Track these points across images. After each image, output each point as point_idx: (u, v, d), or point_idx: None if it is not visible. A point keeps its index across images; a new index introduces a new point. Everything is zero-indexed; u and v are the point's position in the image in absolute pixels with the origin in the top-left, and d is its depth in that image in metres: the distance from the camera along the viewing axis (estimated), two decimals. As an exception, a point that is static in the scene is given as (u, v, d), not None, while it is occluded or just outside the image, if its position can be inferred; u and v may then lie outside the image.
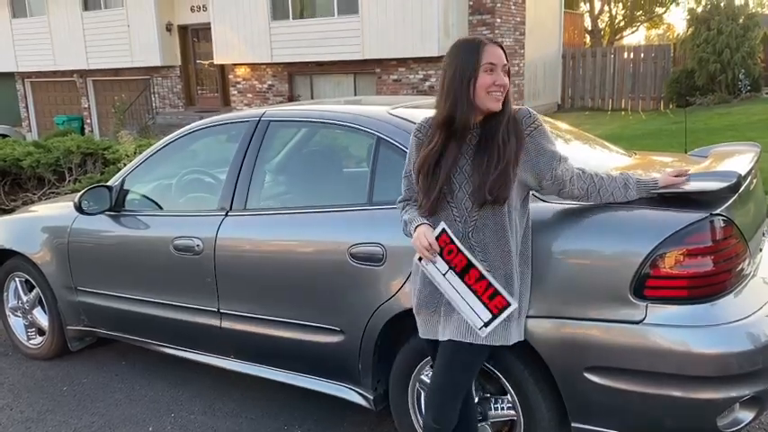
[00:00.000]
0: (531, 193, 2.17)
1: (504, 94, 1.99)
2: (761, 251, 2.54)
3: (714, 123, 10.63)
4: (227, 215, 3.04)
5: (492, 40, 2.01)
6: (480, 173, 1.96)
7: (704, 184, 2.14)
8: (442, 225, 2.00)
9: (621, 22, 28.77)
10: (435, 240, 1.99)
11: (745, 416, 2.14)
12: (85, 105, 19.50)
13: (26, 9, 19.16)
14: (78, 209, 3.37)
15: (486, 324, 2.01)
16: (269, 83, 15.94)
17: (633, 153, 3.20)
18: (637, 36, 41.04)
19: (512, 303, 2.00)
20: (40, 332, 3.99)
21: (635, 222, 2.15)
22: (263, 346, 3.02)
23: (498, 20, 13.86)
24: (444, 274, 2.02)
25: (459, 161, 2.01)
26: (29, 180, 7.50)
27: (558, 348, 2.20)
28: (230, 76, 16.60)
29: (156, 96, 18.06)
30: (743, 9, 14.26)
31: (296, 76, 15.69)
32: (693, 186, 2.14)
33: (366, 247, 2.58)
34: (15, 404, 3.45)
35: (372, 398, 2.73)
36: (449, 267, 2.01)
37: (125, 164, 6.84)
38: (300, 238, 2.84)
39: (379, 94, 14.23)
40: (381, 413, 2.83)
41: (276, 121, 3.14)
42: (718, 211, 2.10)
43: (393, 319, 2.54)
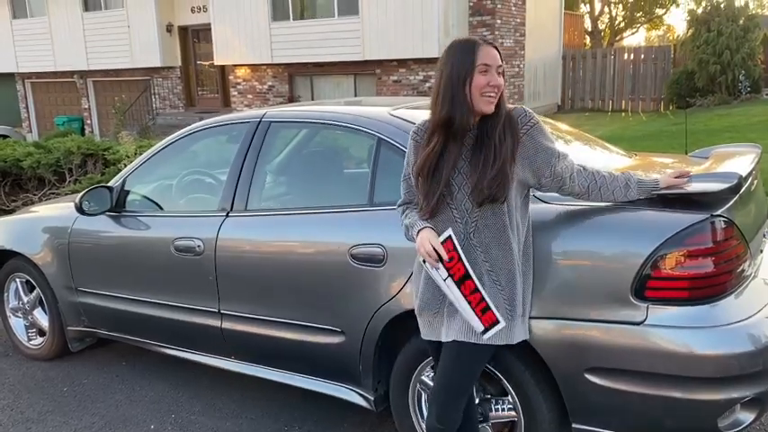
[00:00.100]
0: (532, 194, 2.17)
1: (498, 95, 1.98)
2: (761, 252, 2.54)
3: (714, 125, 10.64)
4: (227, 216, 3.05)
5: (487, 41, 2.01)
6: (477, 172, 1.96)
7: (705, 186, 2.14)
8: (449, 231, 1.99)
9: (621, 24, 28.80)
10: (441, 246, 1.98)
11: (746, 417, 2.14)
12: (86, 106, 19.51)
13: (26, 10, 19.17)
14: (79, 209, 3.37)
15: (484, 331, 2.01)
16: (269, 84, 15.95)
17: (633, 154, 3.20)
18: (637, 37, 40.95)
19: (500, 321, 2.00)
20: (41, 333, 3.99)
21: (636, 223, 2.15)
22: (263, 346, 3.02)
23: (498, 21, 13.87)
24: (444, 280, 2.02)
25: (458, 163, 2.01)
26: (29, 181, 7.50)
27: (559, 349, 2.21)
28: (230, 77, 16.60)
29: (157, 97, 18.06)
30: (743, 10, 14.27)
31: (296, 76, 15.69)
32: (694, 187, 2.14)
33: (367, 248, 2.58)
34: (16, 404, 3.45)
35: (373, 399, 2.73)
36: (448, 275, 2.00)
37: (125, 165, 6.85)
38: (301, 239, 2.84)
39: (379, 94, 14.24)
40: (382, 414, 2.83)
41: (277, 121, 3.14)
42: (718, 213, 2.10)
43: (394, 320, 2.54)
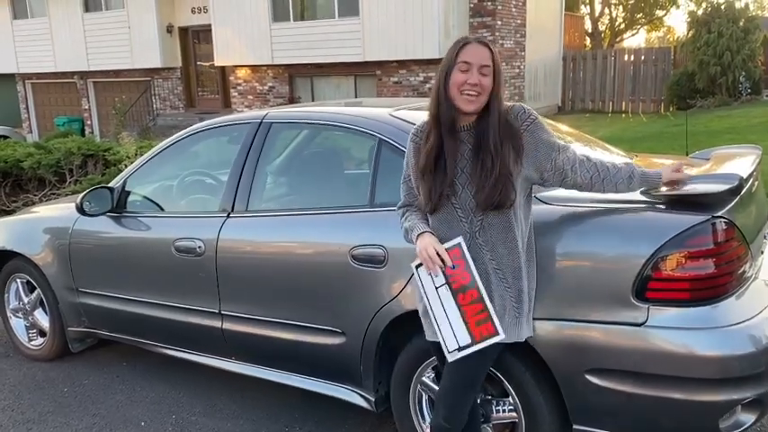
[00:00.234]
0: (534, 195, 2.17)
1: (481, 94, 1.95)
2: (762, 253, 2.54)
3: (714, 126, 10.64)
4: (228, 217, 3.05)
5: (479, 40, 1.99)
6: (477, 179, 1.96)
7: (706, 187, 2.14)
8: (459, 239, 1.99)
9: (622, 25, 28.82)
10: (446, 252, 1.97)
11: (747, 418, 2.14)
12: (86, 107, 19.52)
13: (27, 10, 19.19)
14: (80, 210, 3.37)
15: (460, 349, 1.98)
16: (269, 84, 15.95)
17: (634, 155, 3.20)
18: (637, 38, 41.03)
19: (500, 334, 1.97)
20: (41, 333, 3.99)
21: (637, 224, 2.15)
22: (263, 347, 3.02)
23: (499, 22, 13.88)
24: (437, 288, 1.99)
25: (460, 162, 2.01)
26: (30, 181, 7.51)
27: (560, 350, 2.21)
28: (231, 78, 16.61)
29: (157, 98, 18.07)
30: (743, 12, 14.28)
31: (296, 77, 15.70)
32: (695, 189, 2.15)
33: (367, 249, 2.58)
34: (16, 405, 3.45)
35: (374, 400, 2.73)
36: (445, 282, 1.99)
37: (126, 165, 6.86)
38: (302, 240, 2.84)
39: (379, 95, 14.24)
40: (382, 415, 2.83)
41: (278, 122, 3.14)
42: (719, 214, 2.10)
43: (394, 321, 2.54)
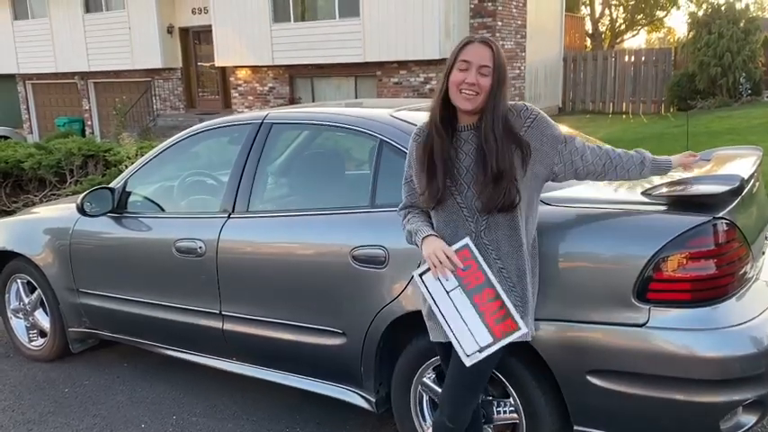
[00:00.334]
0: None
1: (479, 94, 1.94)
2: (763, 254, 2.54)
3: (715, 127, 10.63)
4: (229, 217, 3.05)
5: (483, 40, 1.98)
6: (480, 183, 1.95)
7: (707, 188, 2.14)
8: (466, 240, 1.97)
9: (622, 26, 28.81)
10: (454, 254, 1.95)
11: (748, 419, 2.14)
12: (86, 107, 19.52)
13: (28, 11, 19.19)
14: (81, 210, 3.37)
15: (481, 350, 1.94)
16: (270, 85, 15.95)
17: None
18: (637, 39, 40.98)
19: (522, 328, 1.93)
20: (42, 334, 3.99)
21: (638, 225, 2.16)
22: (264, 348, 3.02)
23: (499, 23, 13.88)
24: (449, 292, 1.95)
25: (464, 161, 2.00)
26: (30, 182, 7.51)
27: (561, 351, 2.20)
28: (231, 79, 16.61)
29: (157, 98, 18.08)
30: (744, 13, 14.28)
31: (297, 78, 15.70)
32: (696, 189, 2.15)
33: (368, 250, 2.58)
34: (17, 406, 3.45)
35: (374, 400, 2.73)
36: (458, 285, 1.95)
37: (126, 166, 6.86)
38: (302, 241, 2.84)
39: (379, 96, 14.24)
40: (383, 416, 2.83)
41: (279, 123, 3.14)
42: (721, 215, 2.09)
43: (395, 322, 2.54)
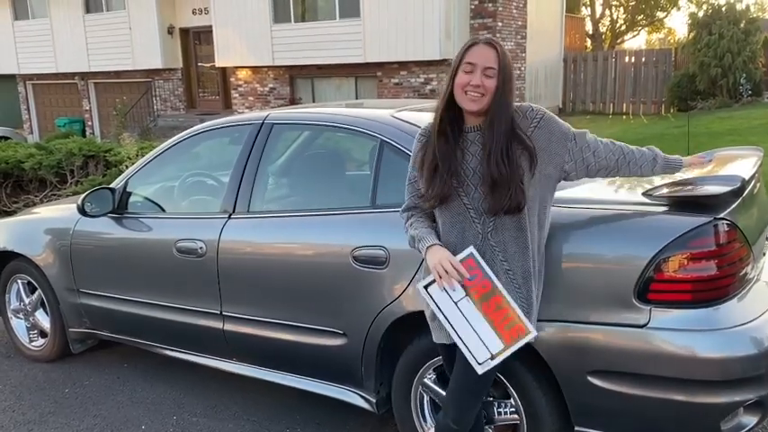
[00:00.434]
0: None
1: (485, 95, 1.93)
2: (764, 255, 2.54)
3: (715, 127, 10.63)
4: (230, 218, 3.05)
5: (488, 42, 1.97)
6: (486, 185, 1.94)
7: (708, 188, 2.14)
8: (471, 249, 1.96)
9: (623, 26, 28.82)
10: (460, 264, 1.94)
11: (749, 420, 2.14)
12: (87, 108, 19.51)
13: (28, 11, 19.19)
14: (81, 211, 3.37)
15: (493, 357, 1.95)
16: (270, 86, 15.95)
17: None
18: (638, 40, 41.03)
19: (531, 331, 1.94)
20: (42, 334, 3.99)
21: (639, 226, 2.16)
22: (265, 348, 3.02)
23: (500, 23, 13.88)
24: (457, 302, 1.95)
25: (471, 162, 2.00)
26: (30, 182, 7.52)
27: (562, 352, 2.21)
28: (231, 79, 16.61)
29: (158, 99, 18.07)
30: (744, 13, 14.27)
31: (297, 78, 15.70)
32: (697, 190, 2.15)
33: (369, 251, 2.58)
34: (17, 406, 3.45)
35: (375, 401, 2.73)
36: (465, 294, 1.95)
37: (127, 166, 6.86)
38: (303, 241, 2.84)
39: (380, 97, 14.24)
40: (384, 416, 2.83)
41: (279, 123, 3.14)
42: (722, 216, 2.10)
43: (396, 322, 2.54)
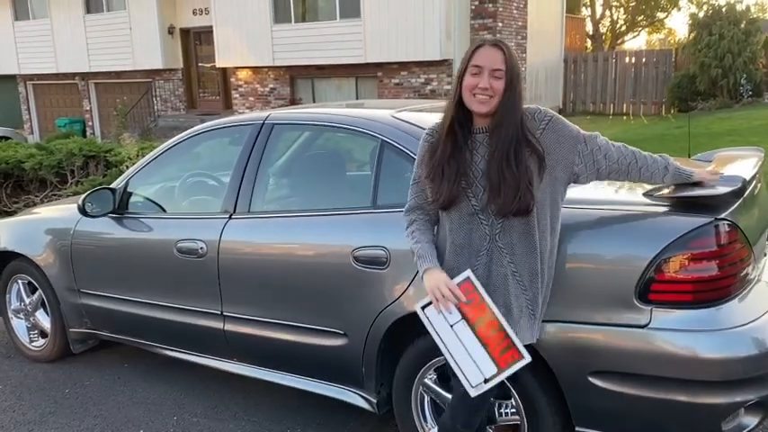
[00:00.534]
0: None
1: (493, 97, 1.93)
2: (765, 256, 2.54)
3: (716, 128, 10.62)
4: (230, 218, 3.05)
5: (494, 43, 1.96)
6: (495, 187, 1.94)
7: (709, 189, 2.15)
8: (468, 272, 1.97)
9: (623, 27, 28.84)
10: (458, 288, 1.95)
11: (750, 421, 2.14)
12: (87, 108, 19.52)
13: (29, 12, 19.19)
14: (82, 211, 3.37)
15: (487, 381, 1.96)
16: (270, 86, 15.96)
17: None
18: (638, 41, 41.12)
19: (525, 357, 1.94)
20: (43, 334, 3.99)
21: (640, 226, 2.16)
22: (265, 348, 3.02)
23: (500, 24, 13.88)
24: (453, 325, 1.96)
25: (480, 164, 1.99)
26: (31, 182, 7.52)
27: (563, 352, 2.20)
28: (232, 80, 16.62)
29: (158, 99, 18.08)
30: (744, 14, 14.27)
31: (297, 79, 15.71)
32: (698, 191, 2.15)
33: (370, 251, 2.58)
34: (18, 406, 3.45)
35: (375, 401, 2.73)
36: (461, 318, 1.96)
37: (127, 166, 6.86)
38: (304, 242, 2.84)
39: (380, 97, 14.24)
40: (384, 417, 2.82)
41: (280, 124, 3.14)
42: (722, 216, 2.10)
43: (397, 323, 2.54)
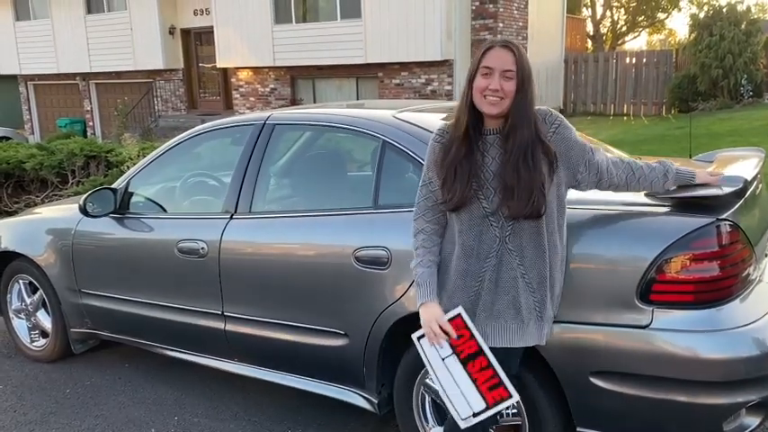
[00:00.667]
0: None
1: (505, 99, 1.92)
2: (766, 256, 2.54)
3: (716, 128, 10.62)
4: (231, 218, 3.05)
5: (504, 44, 1.95)
6: (507, 191, 1.93)
7: (710, 189, 2.15)
8: (459, 309, 1.98)
9: (623, 28, 28.85)
10: (448, 324, 1.97)
11: (751, 421, 2.14)
12: (88, 108, 19.53)
13: (29, 12, 19.21)
14: (83, 211, 3.37)
15: (475, 415, 1.98)
16: (271, 86, 15.96)
17: (638, 158, 3.19)
18: (638, 41, 41.08)
19: (513, 396, 1.97)
20: (44, 334, 3.99)
21: (641, 227, 2.16)
22: (266, 348, 3.02)
23: (501, 24, 13.88)
24: (444, 359, 1.99)
25: (491, 165, 1.98)
26: (32, 182, 7.52)
27: (564, 353, 2.20)
28: (233, 80, 16.63)
29: (159, 99, 18.09)
30: (745, 15, 14.27)
31: (298, 79, 15.71)
32: (699, 191, 2.15)
33: (371, 251, 2.58)
34: (19, 406, 3.45)
35: (376, 401, 2.72)
36: (452, 353, 1.98)
37: (128, 167, 6.86)
38: (305, 242, 2.84)
39: (381, 97, 14.25)
40: (385, 417, 2.82)
41: (281, 124, 3.14)
42: (724, 216, 2.10)
43: (398, 323, 2.53)
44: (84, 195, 3.44)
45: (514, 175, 1.91)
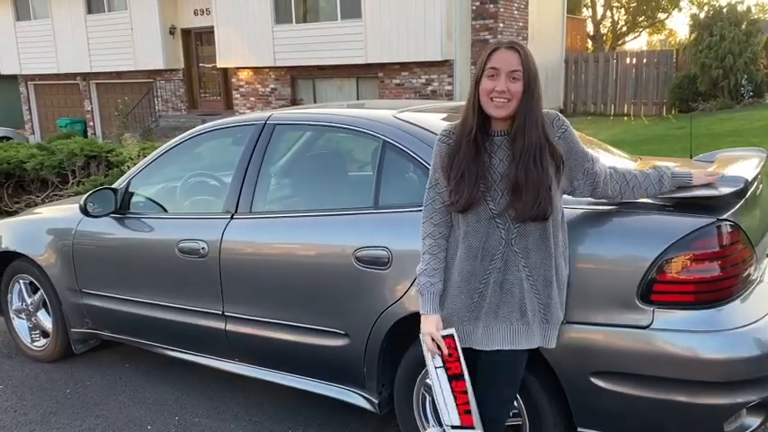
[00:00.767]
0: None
1: (511, 100, 1.92)
2: (767, 257, 2.54)
3: (717, 129, 10.63)
4: (232, 218, 3.05)
5: (510, 46, 1.95)
6: (515, 193, 1.93)
7: (711, 190, 2.15)
8: (451, 330, 2.03)
9: (624, 28, 28.85)
10: (442, 341, 2.04)
11: (752, 421, 2.14)
12: (88, 108, 19.54)
13: (30, 12, 19.22)
14: (84, 211, 3.37)
15: (453, 427, 2.13)
16: (271, 86, 15.97)
17: (638, 158, 3.20)
18: (639, 41, 41.09)
19: (476, 429, 2.10)
20: (44, 334, 3.99)
21: (642, 227, 2.16)
22: (266, 348, 3.02)
23: (501, 24, 13.88)
24: (437, 368, 2.09)
25: (499, 167, 1.98)
26: (32, 182, 7.52)
27: (565, 353, 2.20)
28: (233, 80, 16.63)
29: (159, 99, 18.10)
30: (745, 15, 14.27)
31: (298, 79, 15.72)
32: (700, 191, 2.15)
33: (372, 251, 2.58)
34: (19, 406, 3.45)
35: (377, 402, 2.73)
36: (442, 366, 2.08)
37: (129, 167, 6.87)
38: (306, 242, 2.84)
39: (381, 97, 14.25)
40: (386, 417, 2.83)
41: (281, 124, 3.14)
42: (724, 217, 2.10)
43: (398, 323, 2.54)
44: (85, 195, 3.44)
45: (525, 176, 1.91)
